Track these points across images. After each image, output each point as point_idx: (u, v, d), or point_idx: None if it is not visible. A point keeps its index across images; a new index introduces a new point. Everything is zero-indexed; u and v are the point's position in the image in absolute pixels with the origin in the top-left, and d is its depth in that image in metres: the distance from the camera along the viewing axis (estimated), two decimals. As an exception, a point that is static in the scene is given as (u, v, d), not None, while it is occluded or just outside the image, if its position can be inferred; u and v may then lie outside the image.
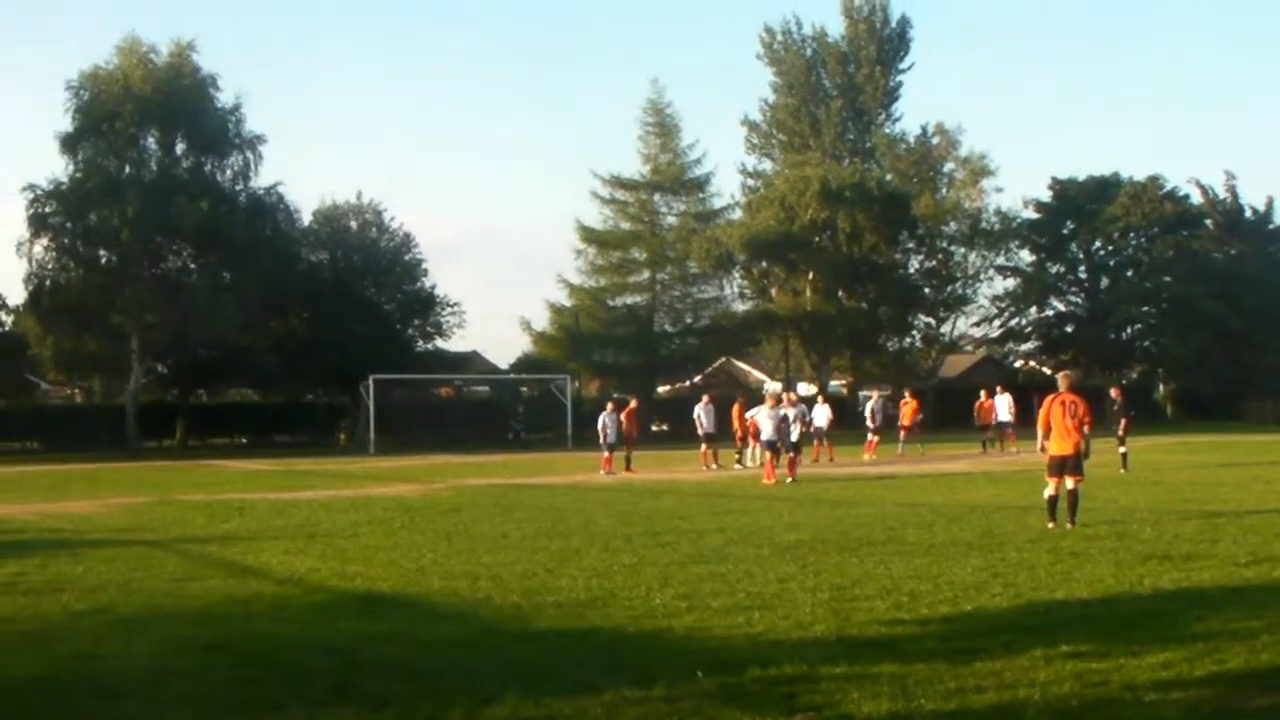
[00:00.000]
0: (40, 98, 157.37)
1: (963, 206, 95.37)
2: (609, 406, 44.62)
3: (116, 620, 14.19)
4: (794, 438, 37.53)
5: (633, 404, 46.08)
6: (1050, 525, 21.64)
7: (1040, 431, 22.79)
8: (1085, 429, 22.42)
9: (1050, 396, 22.89)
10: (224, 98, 76.38)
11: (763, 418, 37.04)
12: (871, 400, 53.63)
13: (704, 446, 45.18)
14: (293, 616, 14.33)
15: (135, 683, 11.02)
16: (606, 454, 43.00)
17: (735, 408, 45.35)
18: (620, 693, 10.04)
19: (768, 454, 37.03)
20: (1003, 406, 52.21)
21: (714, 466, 44.09)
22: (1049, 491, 22.25)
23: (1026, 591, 14.77)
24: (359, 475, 44.48)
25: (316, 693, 10.39)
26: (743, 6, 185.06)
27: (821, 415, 48.64)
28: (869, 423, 51.15)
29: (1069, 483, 22.01)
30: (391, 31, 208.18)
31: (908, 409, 52.74)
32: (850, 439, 53.06)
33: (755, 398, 46.55)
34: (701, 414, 45.01)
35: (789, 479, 35.98)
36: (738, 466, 43.87)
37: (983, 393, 54.87)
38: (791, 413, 37.75)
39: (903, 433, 52.55)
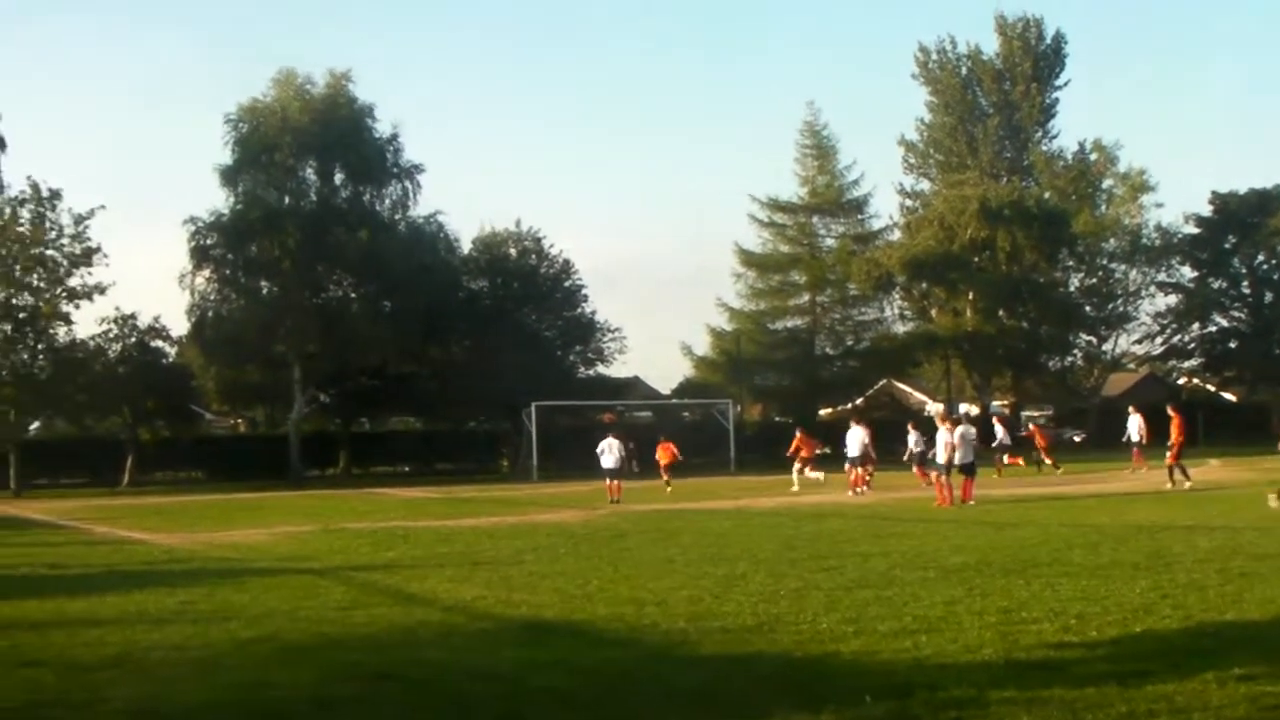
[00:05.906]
0: (199, 131, 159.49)
1: (1122, 223, 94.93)
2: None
3: (283, 648, 14.32)
4: (969, 459, 37.07)
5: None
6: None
7: None
8: None
9: None
10: (381, 128, 77.26)
11: (939, 440, 36.72)
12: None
13: (855, 470, 44.07)
14: (458, 644, 14.38)
15: (302, 711, 11.09)
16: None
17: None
18: (788, 717, 9.99)
19: (941, 476, 36.59)
20: (1133, 427, 50.85)
21: (861, 490, 43.34)
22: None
23: (1196, 613, 14.52)
24: (522, 502, 44.71)
25: (483, 720, 10.41)
26: (897, 26, 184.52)
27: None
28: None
29: None
30: (546, 57, 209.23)
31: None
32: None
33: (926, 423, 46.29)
34: (852, 438, 44.78)
35: (965, 501, 35.62)
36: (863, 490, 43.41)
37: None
38: (968, 432, 37.31)
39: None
